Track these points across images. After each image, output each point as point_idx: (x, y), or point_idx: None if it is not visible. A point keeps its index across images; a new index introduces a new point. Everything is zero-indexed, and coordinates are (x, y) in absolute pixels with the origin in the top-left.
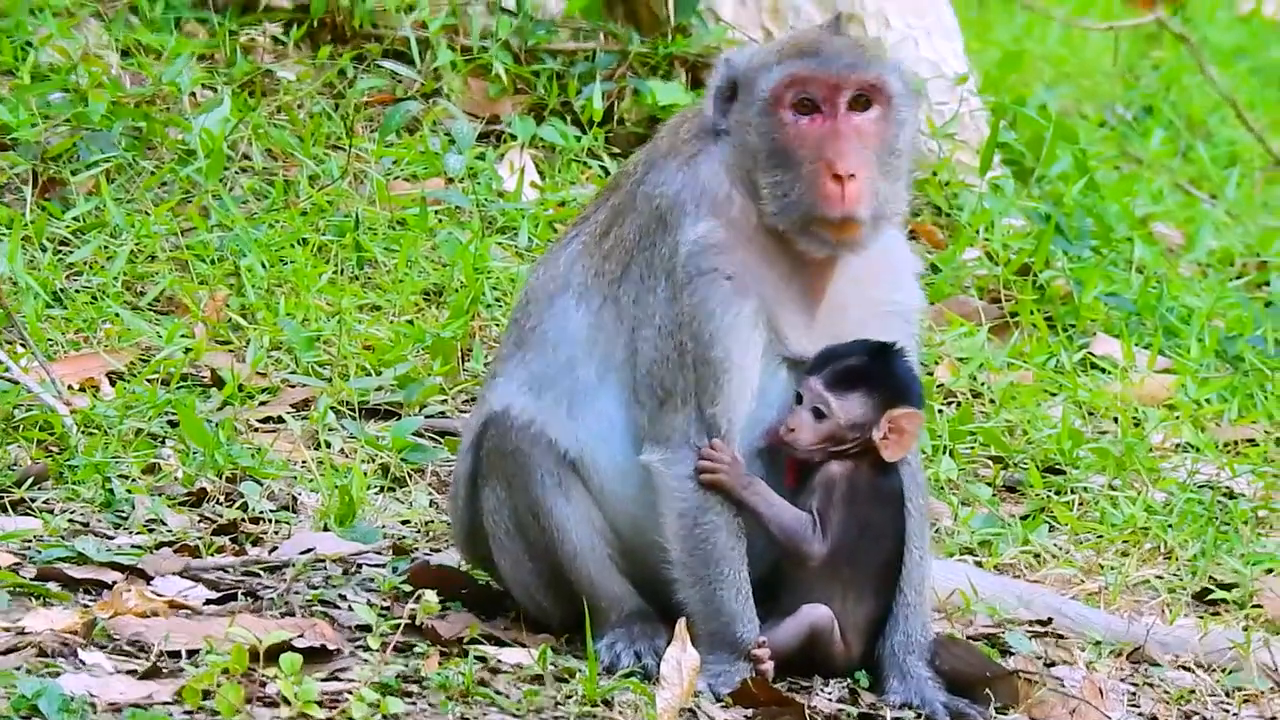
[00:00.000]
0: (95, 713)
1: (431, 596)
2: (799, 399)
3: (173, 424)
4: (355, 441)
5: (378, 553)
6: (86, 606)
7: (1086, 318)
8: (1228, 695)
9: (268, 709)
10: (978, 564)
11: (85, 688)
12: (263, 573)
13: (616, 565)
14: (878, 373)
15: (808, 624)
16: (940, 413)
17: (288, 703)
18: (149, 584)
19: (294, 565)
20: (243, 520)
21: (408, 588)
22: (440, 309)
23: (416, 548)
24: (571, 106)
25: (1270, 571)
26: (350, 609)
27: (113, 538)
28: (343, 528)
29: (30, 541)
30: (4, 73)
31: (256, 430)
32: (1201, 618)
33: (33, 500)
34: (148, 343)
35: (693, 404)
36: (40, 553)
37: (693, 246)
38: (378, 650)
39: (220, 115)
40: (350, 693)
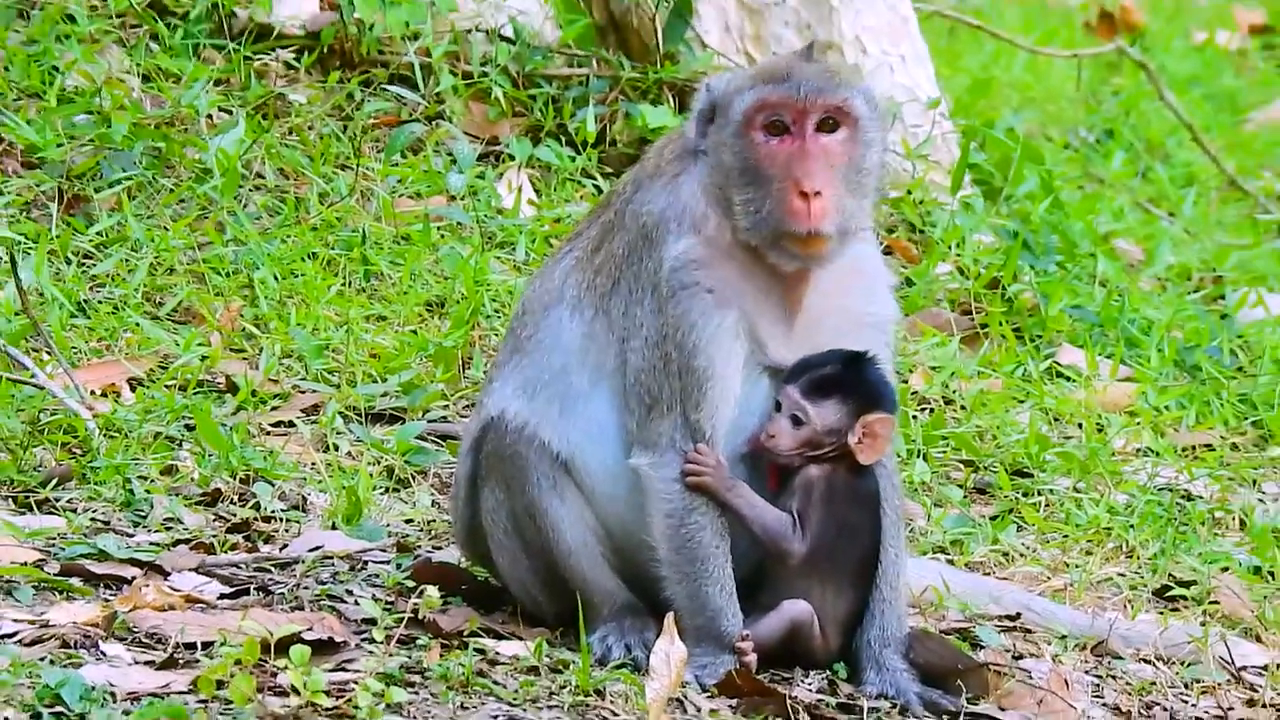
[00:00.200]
0: (115, 701)
1: (433, 592)
2: (778, 406)
3: (190, 428)
4: (362, 445)
5: (382, 550)
6: (107, 601)
7: (1052, 329)
8: (1186, 687)
9: (278, 698)
10: (950, 562)
11: (105, 678)
12: (274, 569)
13: (608, 563)
14: (852, 380)
15: (789, 618)
16: (914, 419)
17: (297, 692)
18: (166, 579)
19: (303, 562)
20: (255, 519)
21: (411, 583)
22: (442, 319)
23: (419, 545)
24: (566, 129)
25: (1226, 570)
26: (356, 603)
27: (132, 535)
28: (350, 526)
29: (54, 539)
30: (31, 95)
31: (269, 434)
32: (1161, 613)
33: (57, 500)
34: (166, 351)
35: (678, 410)
36: (63, 549)
37: (674, 262)
38: (382, 642)
39: (235, 136)
40: (356, 683)
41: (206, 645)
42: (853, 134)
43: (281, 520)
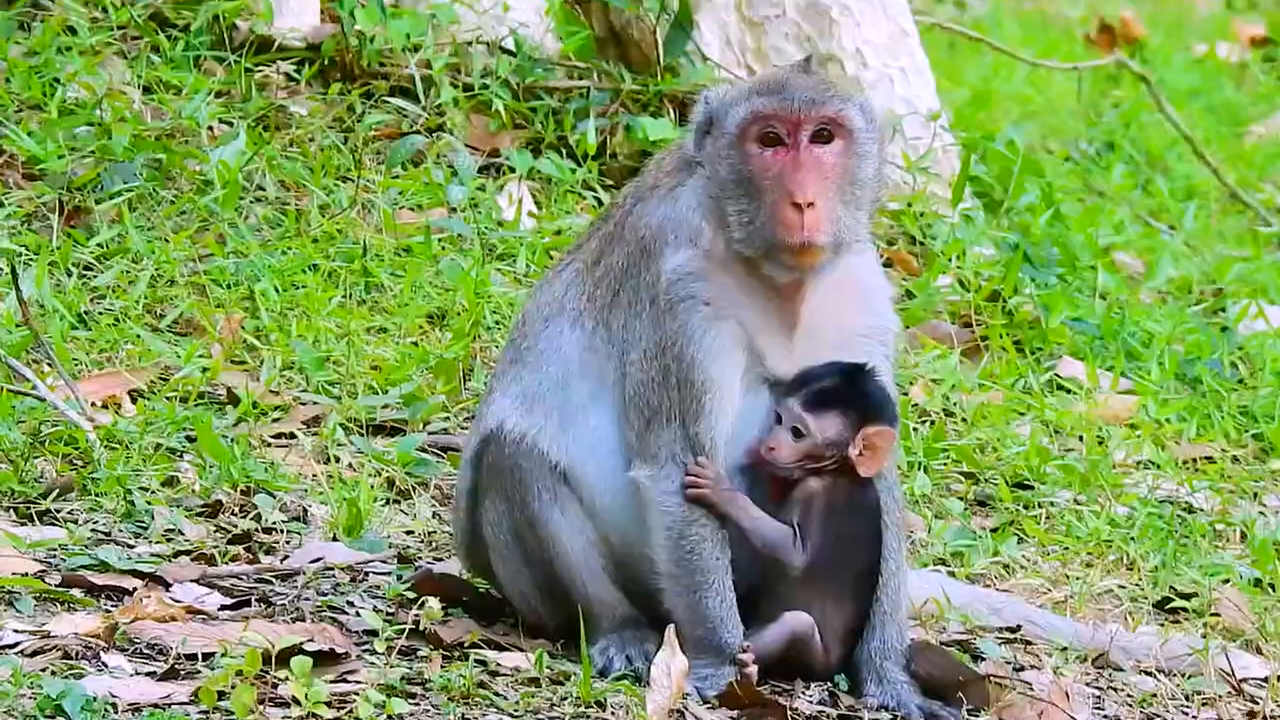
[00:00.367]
0: (116, 712)
1: (435, 603)
2: (778, 419)
3: (191, 439)
4: (363, 456)
5: (384, 562)
6: (108, 612)
7: (1053, 341)
8: (1187, 699)
9: (279, 709)
10: (951, 574)
11: (107, 689)
12: (275, 580)
13: (609, 574)
14: (852, 393)
15: (790, 630)
16: (915, 431)
17: (298, 703)
18: (168, 590)
19: (304, 573)
20: (256, 530)
21: (412, 595)
22: (443, 331)
23: (420, 557)
24: (567, 141)
25: (1227, 582)
26: (358, 615)
27: (133, 547)
28: (351, 538)
29: (56, 550)
30: (33, 107)
31: (270, 445)
32: (1162, 625)
33: (58, 511)
34: (167, 362)
35: (678, 423)
36: (65, 561)
37: (672, 274)
38: (383, 654)
39: (236, 148)
40: (357, 694)
41: (208, 656)
42: (847, 146)
43: (282, 532)
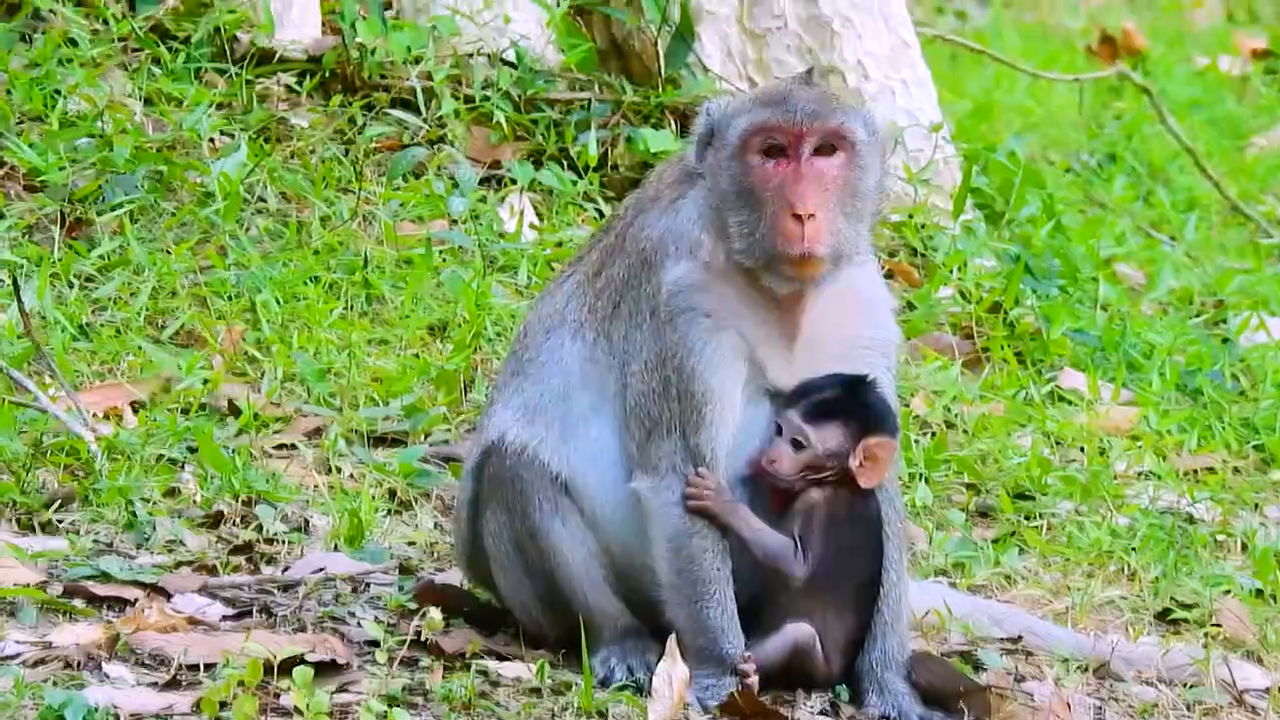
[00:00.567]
0: None
1: (436, 613)
2: (779, 431)
3: (192, 450)
4: (364, 467)
5: (385, 572)
6: (110, 622)
7: (1054, 353)
8: (1188, 709)
9: (281, 719)
10: (952, 584)
11: (109, 699)
12: (276, 590)
13: (610, 585)
14: (852, 404)
15: (791, 640)
16: (916, 442)
17: (300, 713)
18: (169, 601)
19: (306, 583)
20: (258, 541)
21: (414, 605)
22: (444, 343)
23: (422, 567)
24: (568, 152)
25: (1228, 592)
26: (359, 625)
27: (135, 557)
28: (352, 548)
29: (58, 561)
30: (34, 119)
31: (271, 456)
32: (1163, 636)
33: (60, 522)
34: (169, 374)
35: (678, 434)
36: (67, 571)
37: (673, 286)
38: (385, 664)
39: (237, 160)
40: (359, 704)
41: (209, 666)
42: (849, 158)
43: (284, 542)
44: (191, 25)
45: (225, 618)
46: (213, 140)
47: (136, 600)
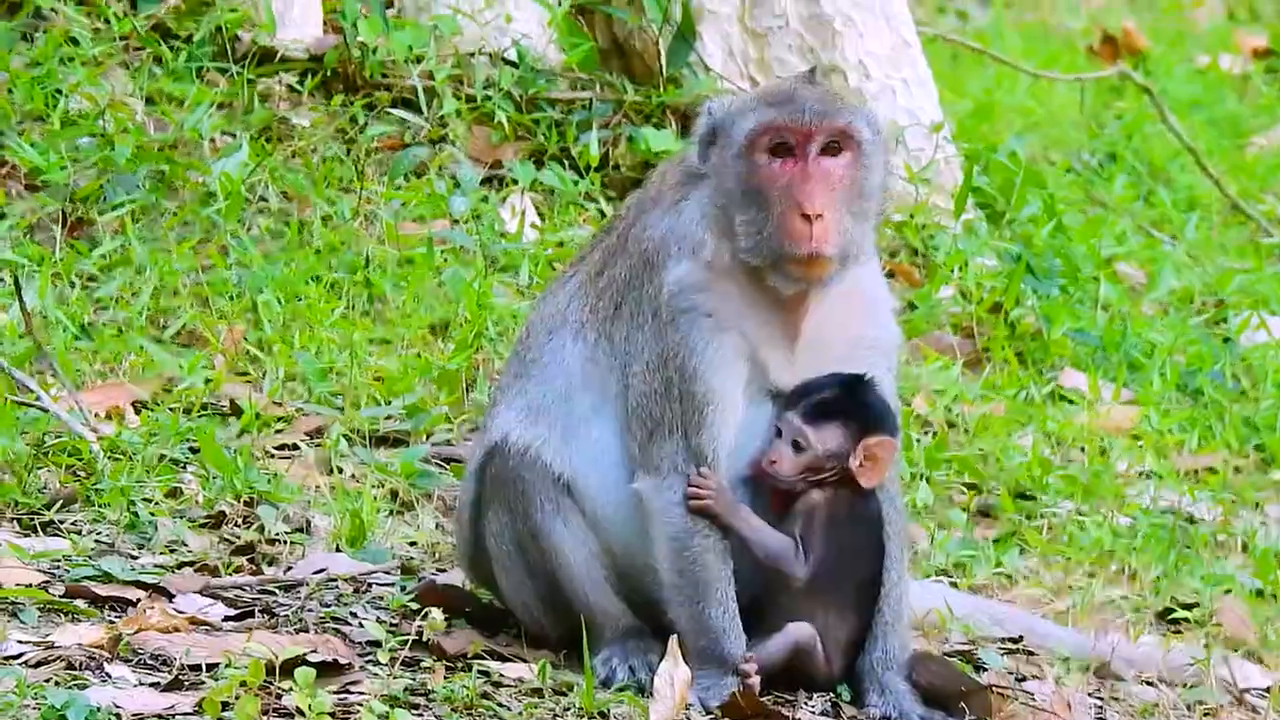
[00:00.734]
0: None
1: (438, 614)
2: (779, 433)
3: (194, 450)
4: (366, 467)
5: (387, 573)
6: (112, 622)
7: (1055, 353)
8: (1189, 709)
9: None
10: (953, 584)
11: (111, 699)
12: (278, 591)
13: (611, 585)
14: (852, 404)
15: (792, 640)
16: (918, 442)
17: (302, 714)
18: (171, 601)
19: (308, 584)
20: (260, 541)
21: (415, 606)
22: (446, 343)
23: (424, 568)
24: (570, 152)
25: (1229, 592)
26: (361, 625)
27: (137, 558)
28: (354, 549)
29: (59, 561)
30: (35, 118)
31: (273, 456)
32: (1164, 635)
33: (62, 522)
34: (170, 374)
35: (680, 434)
36: (69, 572)
37: (674, 286)
38: (387, 665)
39: (239, 160)
40: (361, 705)
41: (211, 667)
42: (855, 158)
43: (286, 543)
44: (193, 24)
45: (227, 618)
46: (214, 139)
47: (138, 601)
